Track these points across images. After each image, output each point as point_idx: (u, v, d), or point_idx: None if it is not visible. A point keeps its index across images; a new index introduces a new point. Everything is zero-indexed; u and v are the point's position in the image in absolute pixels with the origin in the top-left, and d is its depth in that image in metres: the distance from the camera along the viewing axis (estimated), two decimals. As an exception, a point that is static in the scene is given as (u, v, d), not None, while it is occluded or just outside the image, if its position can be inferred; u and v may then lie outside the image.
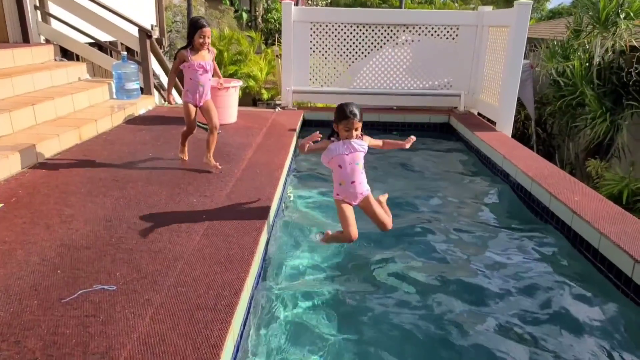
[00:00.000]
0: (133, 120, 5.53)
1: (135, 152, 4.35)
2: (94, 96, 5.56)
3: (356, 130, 2.87)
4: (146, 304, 2.13)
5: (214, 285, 2.29)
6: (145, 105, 6.05)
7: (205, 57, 3.80)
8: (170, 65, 3.90)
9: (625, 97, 6.29)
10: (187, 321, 2.03)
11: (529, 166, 4.32)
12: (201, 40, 3.68)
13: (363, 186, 2.94)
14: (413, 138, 3.12)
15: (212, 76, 3.96)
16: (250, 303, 2.46)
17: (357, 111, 2.85)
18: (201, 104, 3.90)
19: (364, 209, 3.01)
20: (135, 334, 1.93)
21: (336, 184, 2.95)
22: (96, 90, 5.62)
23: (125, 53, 5.92)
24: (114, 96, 5.93)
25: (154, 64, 6.77)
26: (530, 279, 2.86)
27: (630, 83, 6.17)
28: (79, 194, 3.34)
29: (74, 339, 1.89)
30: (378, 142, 3.12)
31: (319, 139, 2.91)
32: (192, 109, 3.90)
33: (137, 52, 6.58)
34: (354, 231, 2.87)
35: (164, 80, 7.34)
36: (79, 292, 2.19)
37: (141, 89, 6.22)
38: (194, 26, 3.66)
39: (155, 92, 6.68)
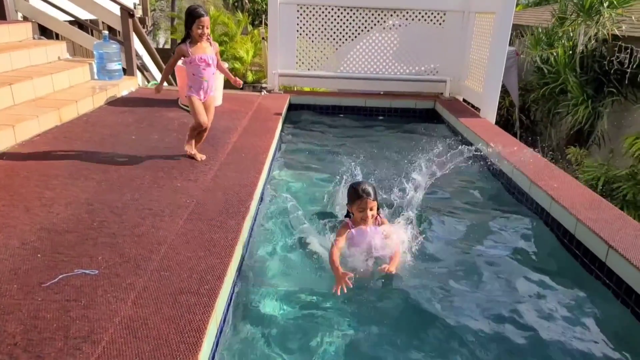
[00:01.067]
0: (115, 102, 5.43)
1: (117, 134, 4.29)
2: (75, 76, 5.44)
3: (371, 210, 2.66)
4: (129, 288, 2.13)
5: (197, 270, 2.30)
6: (128, 86, 5.94)
7: (207, 50, 3.54)
8: (172, 56, 3.65)
9: (606, 85, 6.39)
10: (170, 305, 2.03)
11: (510, 153, 4.38)
12: (199, 31, 3.40)
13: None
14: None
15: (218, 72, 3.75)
16: (233, 288, 2.47)
17: (370, 189, 2.66)
18: (205, 99, 3.69)
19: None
20: (117, 318, 1.93)
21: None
22: (77, 70, 5.50)
23: (106, 32, 5.79)
24: (95, 77, 5.81)
25: (137, 44, 6.64)
26: (506, 262, 2.93)
27: (612, 71, 6.26)
28: (59, 176, 3.30)
29: (55, 323, 1.89)
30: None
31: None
32: (199, 102, 3.65)
33: (119, 31, 6.43)
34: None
35: (147, 61, 7.21)
36: (60, 276, 2.18)
37: (124, 69, 6.11)
38: (191, 15, 3.38)
39: (139, 73, 6.57)
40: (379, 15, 6.61)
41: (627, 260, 2.58)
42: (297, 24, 6.61)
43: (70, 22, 6.57)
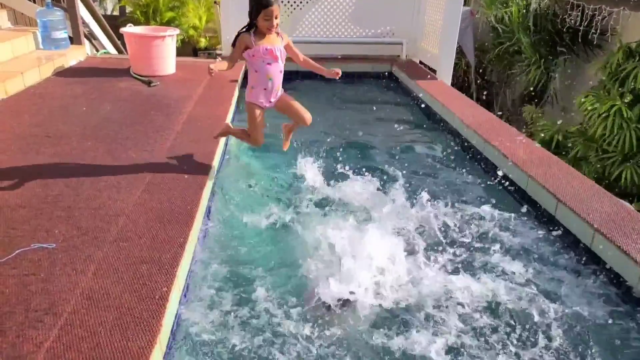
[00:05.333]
0: (63, 72, 5.20)
1: (67, 106, 4.13)
2: (18, 46, 5.15)
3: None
4: (88, 260, 2.12)
5: (157, 239, 2.30)
6: (76, 56, 5.67)
7: (275, 41, 2.90)
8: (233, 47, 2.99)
9: (559, 44, 6.55)
10: (132, 275, 2.05)
11: (466, 114, 4.49)
12: (267, 23, 2.79)
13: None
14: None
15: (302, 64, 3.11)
16: (195, 255, 2.49)
17: None
18: (273, 104, 3.04)
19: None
20: (78, 289, 1.94)
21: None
22: (20, 40, 5.20)
23: (49, -2, 5.46)
24: (40, 46, 5.50)
25: (83, 11, 6.30)
26: (462, 216, 3.08)
27: (564, 30, 6.41)
28: (8, 151, 3.18)
29: (14, 298, 1.88)
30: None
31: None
32: (258, 112, 3.01)
33: (62, -3, 6.08)
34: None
35: (95, 28, 6.87)
36: (17, 251, 2.15)
37: (70, 38, 5.81)
38: (258, 3, 2.76)
39: (87, 42, 6.27)
40: (334, -24, 6.48)
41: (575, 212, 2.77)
42: (251, -13, 6.41)
43: (8, -12, 6.14)
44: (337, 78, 2.96)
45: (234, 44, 2.95)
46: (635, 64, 4.61)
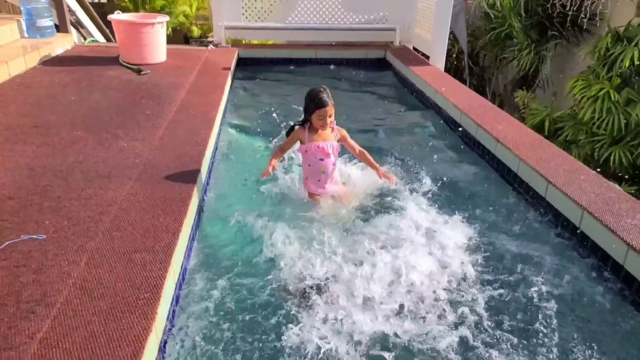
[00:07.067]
0: (50, 61, 5.10)
1: (55, 95, 4.06)
2: (2, 35, 5.04)
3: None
4: (80, 250, 2.09)
5: (151, 228, 2.27)
6: (63, 44, 5.57)
7: (328, 137, 2.89)
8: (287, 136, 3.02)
9: (550, 28, 6.54)
10: (125, 264, 2.02)
11: (459, 99, 4.48)
12: (321, 122, 2.79)
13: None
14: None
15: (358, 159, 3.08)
16: (190, 244, 2.47)
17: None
18: (323, 193, 2.97)
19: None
20: (70, 279, 1.91)
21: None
22: (4, 28, 5.09)
23: (33, -15, 5.33)
24: (25, 35, 5.40)
25: (69, -2, 6.19)
26: (455, 195, 3.12)
27: (555, 14, 6.40)
28: (-5, 142, 3.12)
29: (5, 289, 1.84)
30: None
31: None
32: (316, 198, 2.99)
33: (47, -16, 5.94)
34: None
35: (82, 16, 6.75)
36: (6, 243, 2.11)
37: (56, 26, 5.70)
38: (312, 102, 2.77)
39: (73, 30, 6.15)
40: (325, -39, 6.40)
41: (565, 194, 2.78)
42: (241, -27, 6.32)
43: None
44: (392, 184, 2.93)
45: (287, 134, 2.97)
46: (623, 48, 4.61)
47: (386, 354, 1.90)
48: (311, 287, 2.23)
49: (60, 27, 5.82)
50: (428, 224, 2.72)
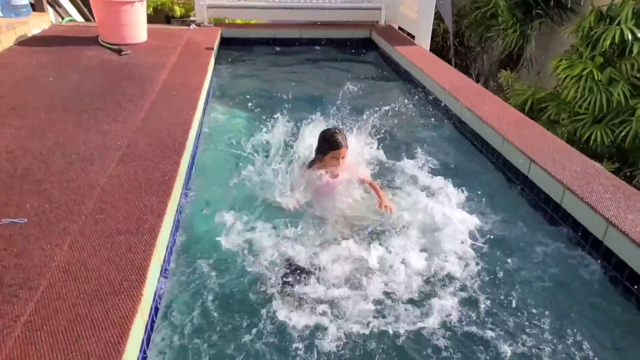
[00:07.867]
0: (27, 42, 4.96)
1: (33, 76, 3.95)
2: (-25, 14, 4.88)
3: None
4: (63, 233, 2.07)
5: (135, 211, 2.25)
6: (39, 24, 5.41)
7: (335, 174, 2.83)
8: None
9: (534, 7, 6.53)
10: (109, 246, 2.01)
11: (444, 79, 4.48)
12: (334, 162, 2.78)
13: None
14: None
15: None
16: (175, 226, 2.46)
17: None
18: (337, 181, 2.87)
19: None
20: (53, 263, 1.89)
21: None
22: (-24, 7, 4.92)
23: (6, -38, 5.15)
24: (0, 14, 5.23)
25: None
26: (440, 172, 3.14)
27: (539, -7, 6.39)
28: (-29, 125, 3.04)
29: (-14, 274, 1.82)
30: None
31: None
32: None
33: (21, -39, 5.72)
34: None
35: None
36: (-14, 227, 2.08)
37: (32, 5, 5.52)
38: (327, 143, 2.74)
39: (50, 9, 5.96)
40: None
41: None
42: (223, -51, 6.17)
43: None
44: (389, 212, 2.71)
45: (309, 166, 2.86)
46: (606, 27, 4.63)
47: (373, 342, 1.92)
48: (295, 271, 2.23)
49: (36, 6, 5.64)
50: (410, 201, 2.75)
